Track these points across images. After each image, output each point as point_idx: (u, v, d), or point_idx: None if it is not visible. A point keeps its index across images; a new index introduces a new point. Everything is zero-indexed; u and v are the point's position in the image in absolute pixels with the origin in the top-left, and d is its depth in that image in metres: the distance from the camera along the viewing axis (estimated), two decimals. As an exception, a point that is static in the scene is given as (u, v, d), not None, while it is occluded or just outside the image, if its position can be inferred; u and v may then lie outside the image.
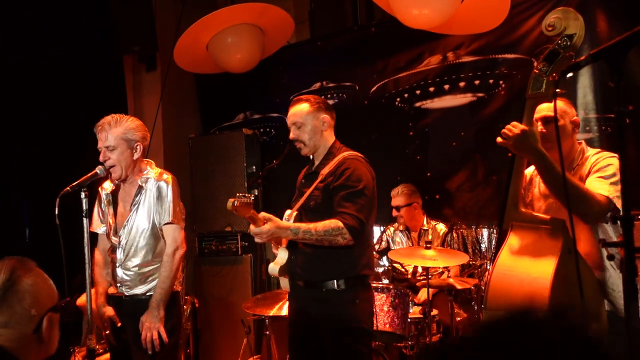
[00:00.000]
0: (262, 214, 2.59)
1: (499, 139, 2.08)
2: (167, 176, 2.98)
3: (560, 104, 2.38)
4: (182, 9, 5.29)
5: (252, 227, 2.63)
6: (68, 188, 2.73)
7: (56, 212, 2.61)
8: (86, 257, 2.73)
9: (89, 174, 2.83)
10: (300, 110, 2.84)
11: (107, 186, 3.09)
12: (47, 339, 1.39)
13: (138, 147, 2.93)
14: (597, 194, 2.09)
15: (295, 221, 2.72)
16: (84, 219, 2.72)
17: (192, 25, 3.70)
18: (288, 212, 2.78)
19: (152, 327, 2.85)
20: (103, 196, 3.09)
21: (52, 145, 4.36)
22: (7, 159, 4.09)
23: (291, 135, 2.86)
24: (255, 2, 3.99)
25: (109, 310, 2.96)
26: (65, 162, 4.29)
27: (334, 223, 2.59)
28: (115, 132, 2.88)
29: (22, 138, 4.21)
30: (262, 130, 5.43)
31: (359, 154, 2.84)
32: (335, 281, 2.67)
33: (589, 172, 2.25)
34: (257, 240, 2.69)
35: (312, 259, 2.71)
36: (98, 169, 2.87)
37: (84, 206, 2.73)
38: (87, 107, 4.66)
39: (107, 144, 2.88)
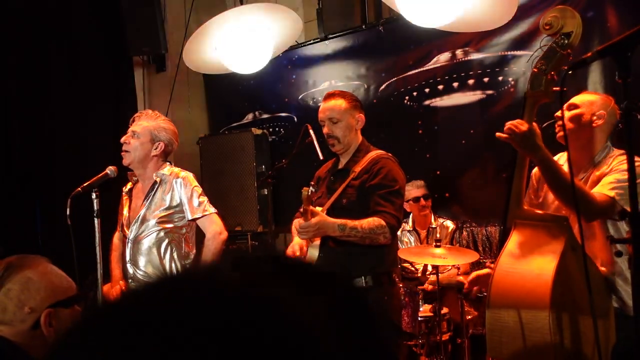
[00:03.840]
0: (311, 207, 2.54)
1: (501, 135, 2.02)
2: (183, 173, 3.02)
3: (593, 97, 2.36)
4: (191, 9, 5.32)
5: (297, 222, 2.59)
6: (79, 189, 2.77)
7: (67, 213, 2.64)
8: (98, 257, 2.76)
9: (100, 175, 2.86)
10: (338, 105, 2.78)
11: (129, 183, 3.16)
12: (53, 334, 1.37)
13: (159, 145, 3.01)
14: (598, 194, 2.08)
15: None
16: (95, 220, 2.75)
17: (201, 26, 3.72)
18: (319, 209, 2.65)
19: None
20: (124, 192, 3.17)
21: (64, 145, 4.39)
22: (18, 159, 4.13)
23: (325, 130, 2.80)
24: (263, 1, 4.00)
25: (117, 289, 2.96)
26: (76, 162, 4.33)
27: (377, 221, 2.56)
28: (147, 123, 3.02)
29: (33, 137, 4.25)
30: (271, 129, 5.44)
31: (390, 154, 2.82)
32: (362, 278, 2.63)
33: (607, 173, 2.23)
34: (301, 237, 2.64)
35: (344, 257, 2.64)
36: (109, 170, 2.90)
37: (95, 207, 2.76)
38: (98, 107, 4.71)
39: (134, 129, 3.01)
